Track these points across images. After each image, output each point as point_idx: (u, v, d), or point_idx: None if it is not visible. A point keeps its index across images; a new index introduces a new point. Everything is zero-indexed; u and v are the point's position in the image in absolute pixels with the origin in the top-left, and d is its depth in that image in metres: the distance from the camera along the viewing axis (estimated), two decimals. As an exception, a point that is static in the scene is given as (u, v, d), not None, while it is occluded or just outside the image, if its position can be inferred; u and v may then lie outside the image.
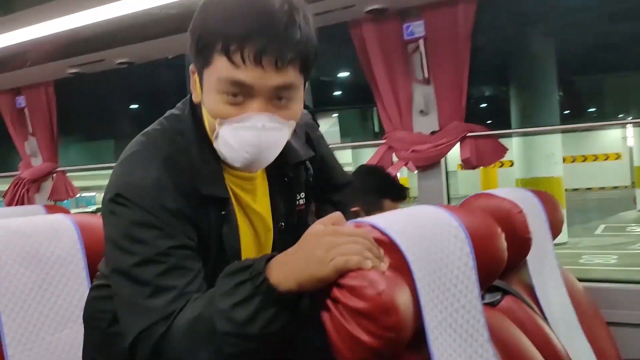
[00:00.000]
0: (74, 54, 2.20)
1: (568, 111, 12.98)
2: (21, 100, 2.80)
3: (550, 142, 11.66)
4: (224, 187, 0.93)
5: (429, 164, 1.93)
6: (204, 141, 0.93)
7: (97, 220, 1.57)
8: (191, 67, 0.91)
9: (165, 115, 0.99)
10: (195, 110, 0.95)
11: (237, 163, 0.90)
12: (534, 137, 11.21)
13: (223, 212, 0.92)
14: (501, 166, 17.77)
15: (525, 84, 10.38)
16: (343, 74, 13.06)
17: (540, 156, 11.57)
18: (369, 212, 1.48)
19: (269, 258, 0.78)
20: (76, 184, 2.94)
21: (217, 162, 0.93)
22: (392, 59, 1.93)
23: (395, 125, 1.97)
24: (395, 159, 2.02)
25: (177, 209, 0.86)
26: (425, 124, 1.94)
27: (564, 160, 13.03)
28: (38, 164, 2.91)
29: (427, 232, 0.87)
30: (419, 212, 0.96)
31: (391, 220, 0.83)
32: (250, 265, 0.78)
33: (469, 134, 1.87)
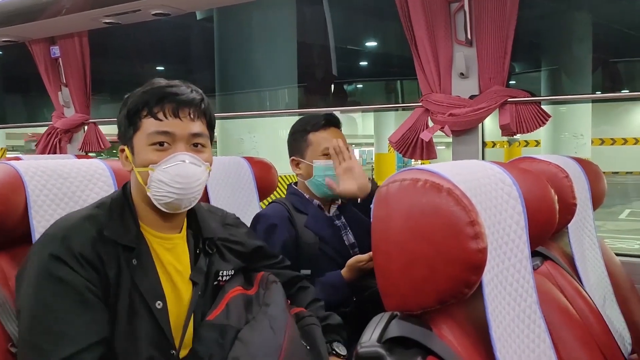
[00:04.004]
0: (110, 2, 2.17)
1: (599, 92, 12.62)
2: (55, 50, 2.80)
3: (579, 122, 11.40)
4: (134, 239, 1.09)
5: (465, 129, 1.89)
6: (127, 206, 1.13)
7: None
8: (120, 147, 1.15)
9: None
10: (125, 187, 1.17)
11: (167, 199, 1.09)
12: (563, 117, 10.97)
13: (134, 261, 1.07)
14: (526, 145, 17.50)
15: (558, 63, 10.09)
16: (370, 44, 12.86)
17: (568, 136, 11.33)
18: None
19: None
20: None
21: (134, 222, 1.12)
22: (434, 18, 1.87)
23: (433, 87, 1.92)
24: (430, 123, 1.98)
25: (80, 253, 1.01)
26: (464, 87, 1.89)
27: (592, 142, 12.75)
28: (71, 114, 2.92)
29: (481, 185, 0.85)
30: (473, 165, 0.93)
31: (449, 170, 0.80)
32: None
33: (510, 100, 1.81)
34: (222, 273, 1.21)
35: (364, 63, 14.36)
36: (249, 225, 1.56)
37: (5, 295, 1.21)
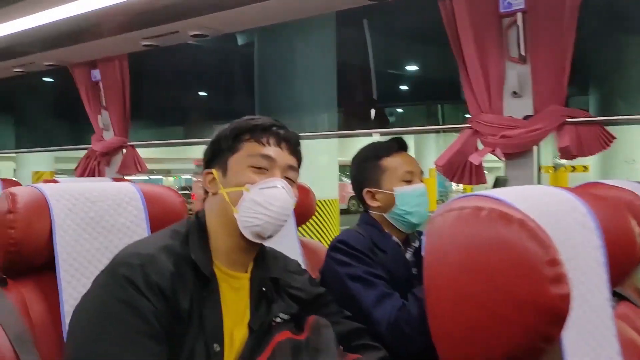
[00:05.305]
0: (148, 24, 2.15)
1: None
2: (96, 74, 2.81)
3: (631, 147, 10.93)
4: (208, 269, 1.05)
5: (519, 152, 1.75)
6: (202, 237, 1.09)
7: (163, 191, 1.50)
8: (205, 171, 1.14)
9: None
10: (197, 216, 1.14)
11: (257, 221, 1.06)
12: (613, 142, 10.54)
13: (205, 296, 1.03)
14: (573, 170, 16.88)
15: (609, 85, 9.74)
16: (411, 68, 12.77)
17: (618, 161, 10.88)
18: None
19: None
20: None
21: (208, 255, 1.08)
22: (484, 34, 1.75)
23: (483, 107, 1.80)
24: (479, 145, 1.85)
25: (156, 282, 0.96)
26: (517, 107, 1.75)
27: (646, 168, 12.18)
28: (110, 137, 2.92)
29: (552, 215, 0.72)
30: (539, 190, 0.80)
31: (513, 196, 0.68)
32: None
33: (569, 120, 1.67)
34: (279, 315, 1.13)
35: (404, 87, 14.28)
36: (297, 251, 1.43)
37: (25, 327, 1.14)
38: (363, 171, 1.58)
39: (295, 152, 1.15)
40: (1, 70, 2.92)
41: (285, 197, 1.07)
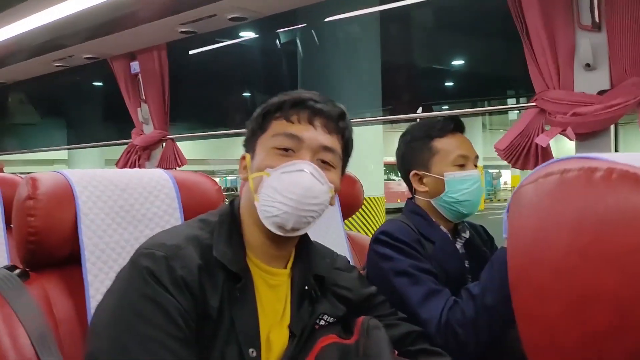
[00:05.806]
0: (184, 8, 2.06)
1: None
2: (135, 66, 2.76)
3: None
4: (237, 265, 0.93)
5: (594, 131, 1.54)
6: (235, 227, 0.98)
7: (198, 178, 1.39)
8: (242, 155, 1.03)
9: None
10: (232, 204, 1.03)
11: (275, 211, 0.92)
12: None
13: (237, 294, 0.92)
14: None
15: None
16: (457, 63, 12.42)
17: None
18: None
19: None
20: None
21: (241, 250, 0.96)
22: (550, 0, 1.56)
23: (550, 83, 1.60)
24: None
25: (182, 277, 0.86)
26: (591, 81, 1.55)
27: None
28: (150, 131, 2.86)
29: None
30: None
31: (628, 159, 0.51)
32: None
33: (653, 94, 1.46)
34: (323, 317, 1.01)
35: (450, 83, 13.95)
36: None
37: (48, 326, 1.04)
38: (411, 151, 1.44)
39: (337, 129, 0.99)
40: (43, 65, 2.91)
41: (309, 183, 0.92)
